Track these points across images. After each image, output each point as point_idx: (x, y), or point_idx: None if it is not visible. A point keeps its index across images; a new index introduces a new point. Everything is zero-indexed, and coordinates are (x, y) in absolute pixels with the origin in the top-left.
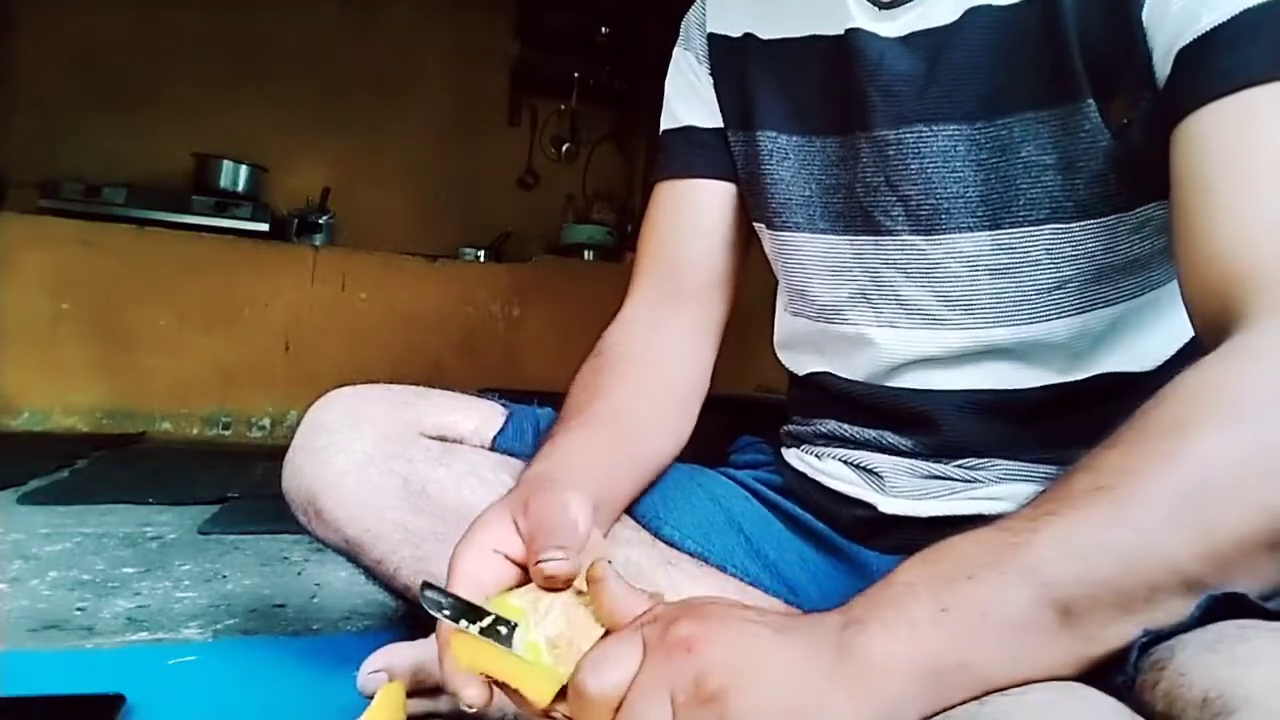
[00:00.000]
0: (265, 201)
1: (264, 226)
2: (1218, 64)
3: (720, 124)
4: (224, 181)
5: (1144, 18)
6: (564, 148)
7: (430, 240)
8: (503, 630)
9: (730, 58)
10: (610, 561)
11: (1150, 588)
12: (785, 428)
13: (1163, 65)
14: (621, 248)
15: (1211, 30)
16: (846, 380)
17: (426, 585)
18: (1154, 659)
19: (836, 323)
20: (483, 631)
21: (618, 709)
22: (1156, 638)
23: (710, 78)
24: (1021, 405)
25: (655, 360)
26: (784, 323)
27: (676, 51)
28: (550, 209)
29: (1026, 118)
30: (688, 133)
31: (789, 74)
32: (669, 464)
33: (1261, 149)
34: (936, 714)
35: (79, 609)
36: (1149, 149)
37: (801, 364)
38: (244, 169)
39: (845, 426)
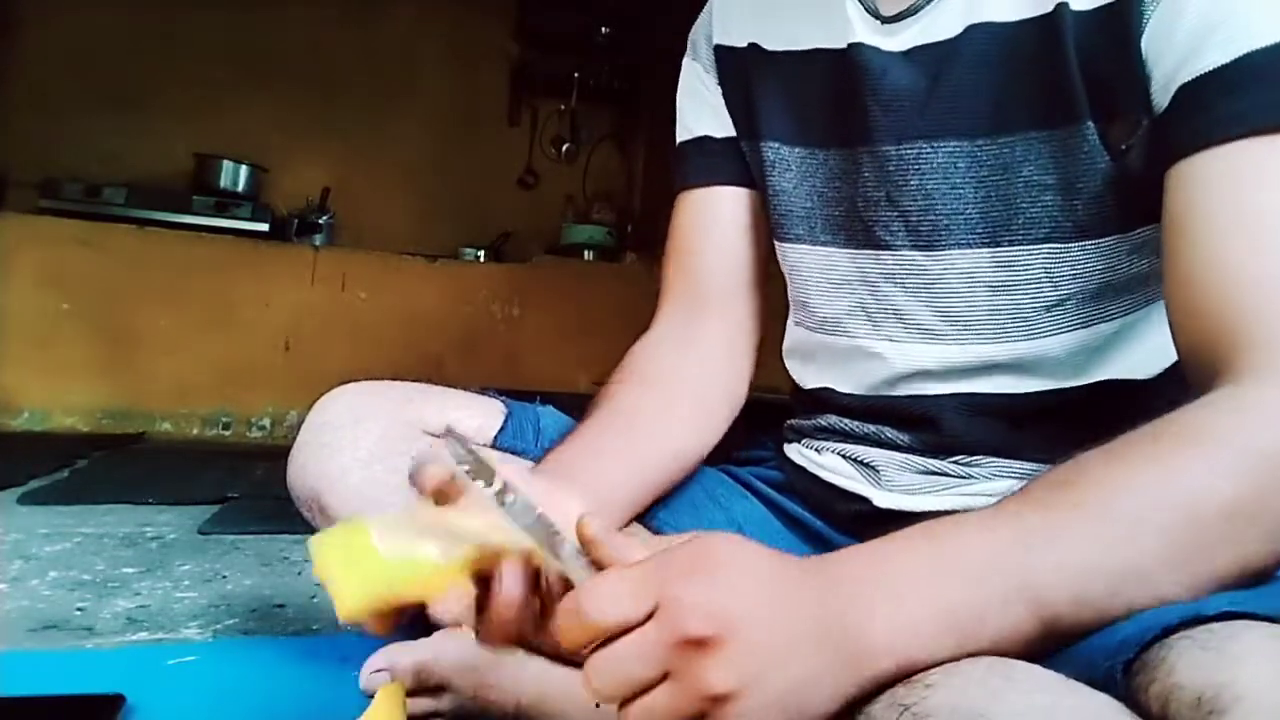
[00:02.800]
0: (265, 201)
1: (264, 226)
2: (1218, 108)
3: (733, 133)
4: (224, 181)
5: (1144, 45)
6: (564, 148)
7: (430, 240)
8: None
9: (736, 68)
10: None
11: (1129, 607)
12: (788, 422)
13: (1161, 96)
14: (621, 248)
15: (1214, 70)
16: (846, 394)
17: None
18: (1147, 660)
19: (836, 335)
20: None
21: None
22: (1142, 647)
23: (719, 88)
24: (1020, 409)
25: (679, 372)
26: (790, 333)
27: (686, 63)
28: (550, 209)
29: (1028, 137)
30: (702, 143)
31: (793, 86)
32: (691, 467)
33: (1258, 202)
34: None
35: (79, 609)
36: (1147, 173)
37: (805, 376)
38: (244, 169)
39: (845, 421)
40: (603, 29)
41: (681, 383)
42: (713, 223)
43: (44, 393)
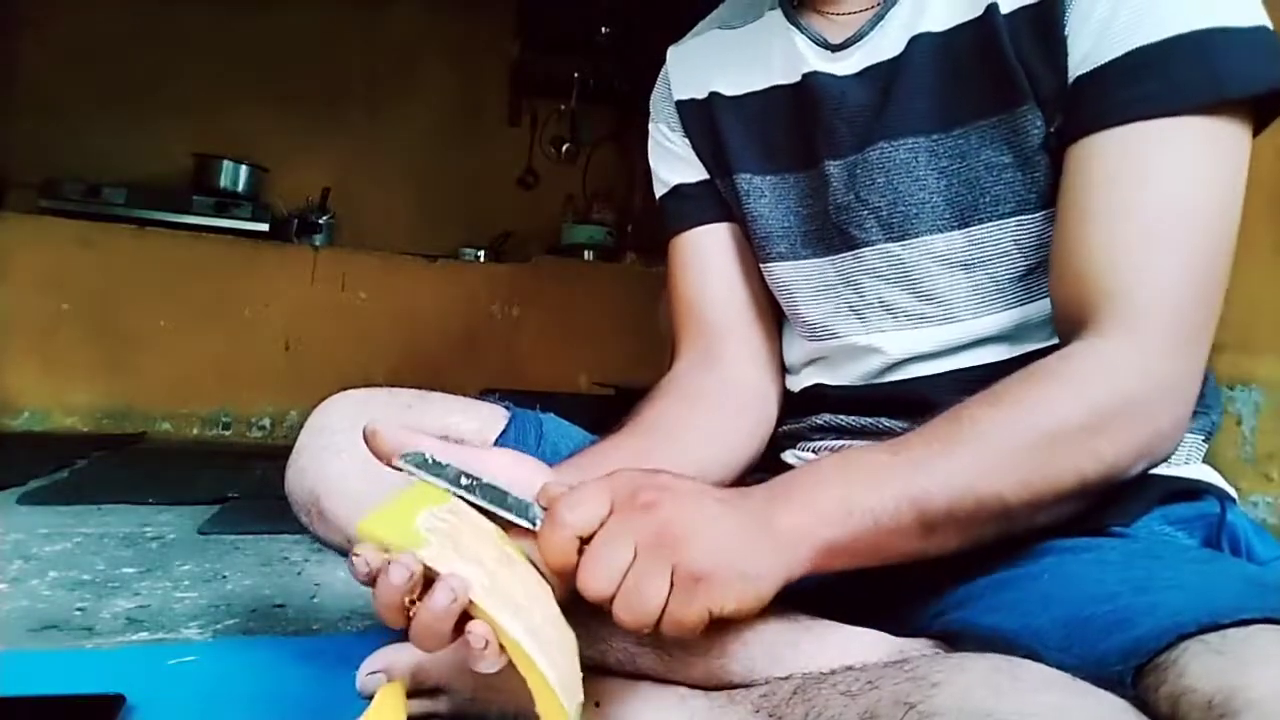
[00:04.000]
0: (265, 201)
1: (264, 226)
2: (1111, 96)
3: (705, 176)
4: (224, 181)
5: (1067, 34)
6: (564, 148)
7: (430, 240)
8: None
9: (701, 116)
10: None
11: (985, 518)
12: (781, 428)
13: (1071, 78)
14: (621, 248)
15: (1107, 63)
16: (840, 386)
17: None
18: (1158, 662)
19: (828, 338)
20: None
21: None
22: (1154, 651)
23: (686, 140)
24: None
25: (699, 388)
26: (786, 348)
27: (650, 126)
28: (550, 209)
29: (979, 125)
30: (677, 191)
31: (756, 122)
32: (711, 477)
33: (1132, 181)
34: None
35: (79, 609)
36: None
37: (798, 382)
38: (244, 169)
39: (840, 418)
40: (603, 29)
41: (701, 396)
42: (706, 260)
43: (44, 393)
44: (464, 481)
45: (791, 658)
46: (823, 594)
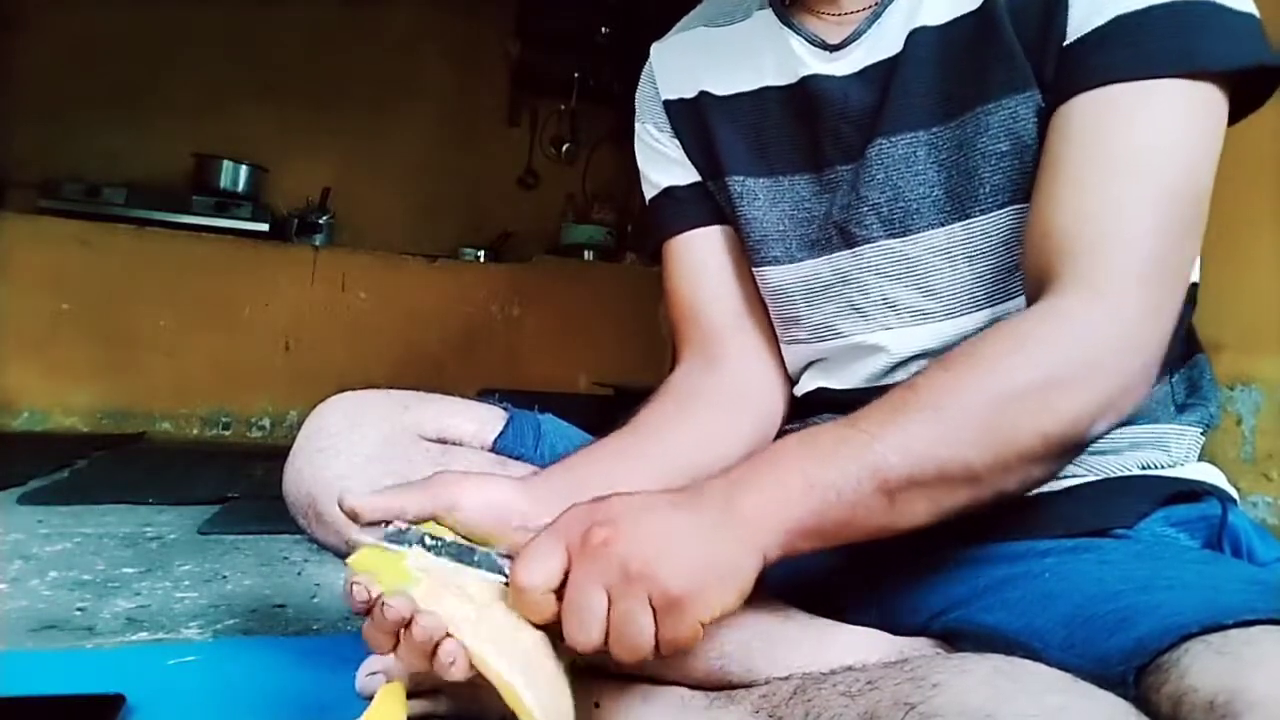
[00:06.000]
0: (265, 201)
1: (264, 226)
2: (1088, 62)
3: (697, 178)
4: (224, 181)
5: (1069, 13)
6: (564, 148)
7: (430, 240)
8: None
9: (690, 117)
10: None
11: (949, 483)
12: (782, 428)
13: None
14: (621, 248)
15: (1091, 31)
16: (844, 390)
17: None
18: (1160, 662)
19: (831, 338)
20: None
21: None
22: (1156, 651)
23: (675, 140)
24: None
25: (697, 387)
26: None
27: (637, 126)
28: (550, 209)
29: (977, 113)
30: (669, 194)
31: (748, 123)
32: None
33: (1102, 144)
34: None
35: (79, 609)
36: None
37: (799, 388)
38: (244, 169)
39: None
40: (603, 29)
41: (696, 396)
42: (701, 263)
43: (44, 393)
44: (428, 542)
45: (791, 658)
46: (823, 591)
